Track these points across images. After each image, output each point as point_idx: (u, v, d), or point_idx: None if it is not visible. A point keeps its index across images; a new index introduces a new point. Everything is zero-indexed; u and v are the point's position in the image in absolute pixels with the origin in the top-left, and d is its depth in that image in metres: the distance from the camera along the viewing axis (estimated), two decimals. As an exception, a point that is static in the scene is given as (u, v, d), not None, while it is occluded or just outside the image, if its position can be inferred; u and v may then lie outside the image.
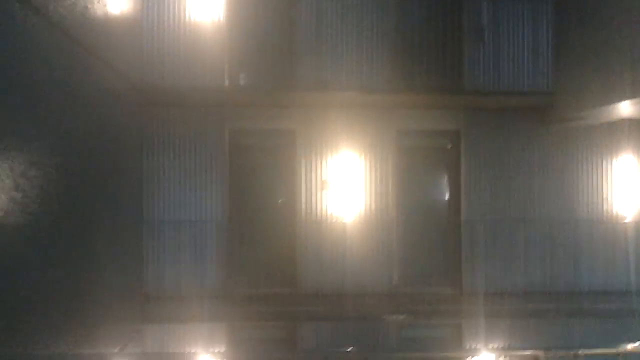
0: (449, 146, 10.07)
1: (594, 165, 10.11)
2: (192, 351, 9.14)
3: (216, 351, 9.25)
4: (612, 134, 10.09)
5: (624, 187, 10.08)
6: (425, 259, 9.99)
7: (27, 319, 4.90)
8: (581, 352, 7.31)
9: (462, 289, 9.78)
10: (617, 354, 7.66)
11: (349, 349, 8.21)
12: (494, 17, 9.79)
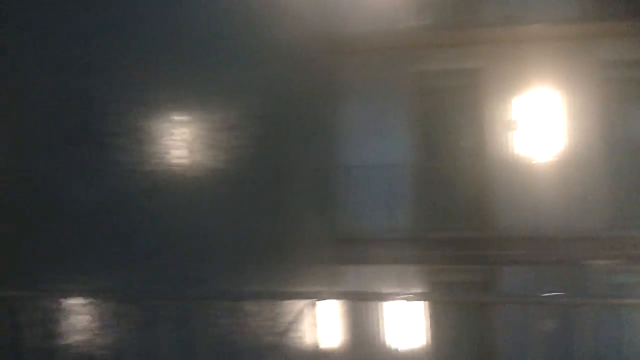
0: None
1: None
2: (388, 292, 9.27)
3: (412, 293, 9.30)
4: None
5: None
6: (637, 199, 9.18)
7: (237, 259, 5.17)
8: None
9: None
10: None
11: (550, 294, 7.80)
12: None
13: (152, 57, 3.86)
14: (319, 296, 2.20)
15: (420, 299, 5.51)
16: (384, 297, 2.47)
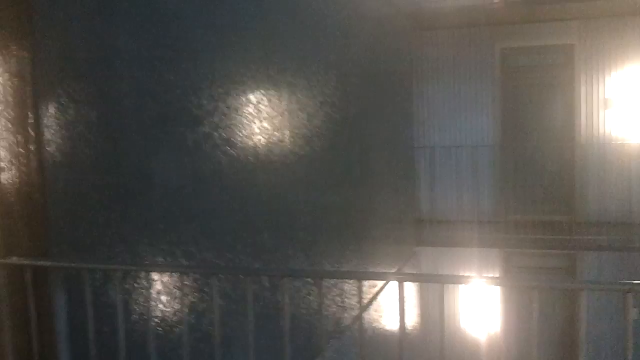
0: None
1: None
2: (467, 274, 9.18)
3: (491, 276, 9.17)
4: None
5: None
6: None
7: (318, 237, 5.25)
8: None
9: None
10: None
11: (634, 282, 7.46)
12: None
13: (242, 37, 3.96)
14: (397, 278, 2.22)
15: (499, 284, 5.39)
16: (463, 280, 2.46)
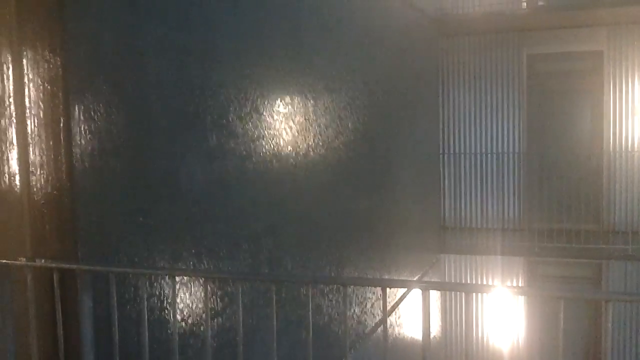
0: None
1: None
2: (490, 284, 9.09)
3: (514, 285, 9.06)
4: None
5: None
6: None
7: (341, 244, 5.22)
8: None
9: None
10: None
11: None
12: None
13: (269, 44, 3.96)
14: (422, 286, 2.18)
15: (525, 294, 5.34)
16: (488, 289, 2.41)
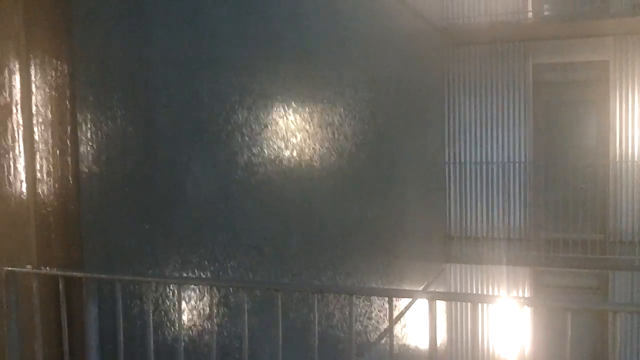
0: None
1: None
2: (495, 294, 9.06)
3: (520, 295, 9.02)
4: None
5: None
6: None
7: (346, 253, 5.21)
8: None
9: None
10: None
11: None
12: None
13: (277, 53, 3.98)
14: (428, 296, 2.18)
15: (532, 304, 5.31)
16: (495, 300, 2.41)
